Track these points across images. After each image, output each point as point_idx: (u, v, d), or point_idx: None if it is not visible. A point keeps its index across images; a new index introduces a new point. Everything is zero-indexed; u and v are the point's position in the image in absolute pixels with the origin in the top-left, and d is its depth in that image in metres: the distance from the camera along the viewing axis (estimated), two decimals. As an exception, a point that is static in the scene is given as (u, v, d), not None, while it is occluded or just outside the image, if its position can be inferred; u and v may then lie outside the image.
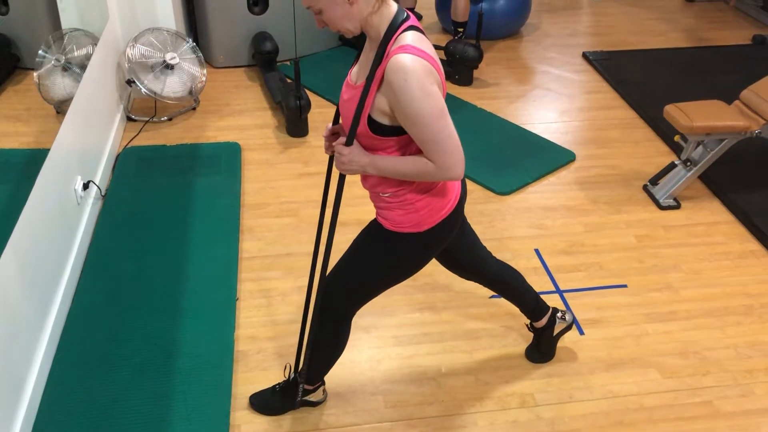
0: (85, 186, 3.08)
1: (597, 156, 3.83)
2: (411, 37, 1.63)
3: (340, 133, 1.92)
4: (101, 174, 3.40)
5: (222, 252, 2.99)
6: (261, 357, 2.54)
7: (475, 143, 3.85)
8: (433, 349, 2.58)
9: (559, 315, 2.47)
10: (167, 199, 3.33)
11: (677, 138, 3.44)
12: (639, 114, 4.26)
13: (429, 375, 2.48)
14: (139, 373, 2.41)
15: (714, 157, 3.30)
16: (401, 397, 2.39)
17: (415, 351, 2.58)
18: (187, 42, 4.14)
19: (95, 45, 3.49)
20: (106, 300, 2.72)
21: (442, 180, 1.72)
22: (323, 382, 2.31)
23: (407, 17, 1.67)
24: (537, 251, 3.09)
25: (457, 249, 2.15)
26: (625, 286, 2.91)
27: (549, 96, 4.50)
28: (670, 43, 5.31)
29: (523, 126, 4.10)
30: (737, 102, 3.36)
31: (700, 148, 3.35)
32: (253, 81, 4.63)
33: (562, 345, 2.59)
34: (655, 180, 3.50)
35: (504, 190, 3.49)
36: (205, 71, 4.22)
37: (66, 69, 3.04)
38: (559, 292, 2.87)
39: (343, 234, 2.47)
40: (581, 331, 2.67)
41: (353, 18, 1.64)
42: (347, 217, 3.18)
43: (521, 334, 2.65)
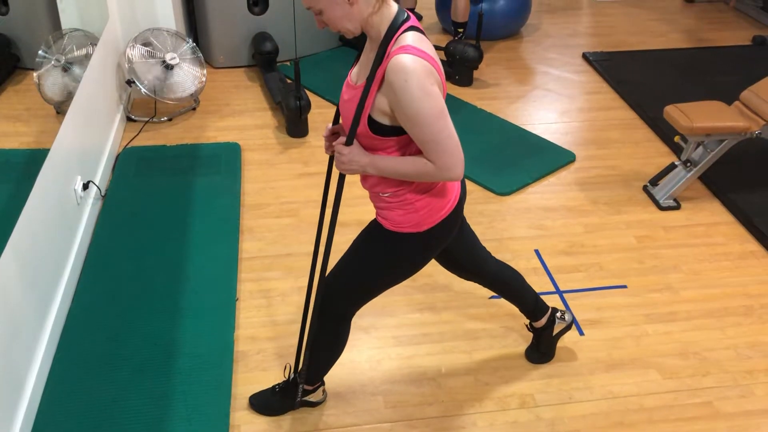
0: (85, 186, 3.08)
1: (597, 156, 3.84)
2: (411, 38, 1.63)
3: (340, 134, 1.92)
4: (101, 174, 3.40)
5: (222, 252, 2.99)
6: (261, 357, 2.54)
7: (475, 144, 3.85)
8: (433, 350, 2.58)
9: (559, 315, 2.47)
10: (167, 200, 3.33)
11: (677, 139, 3.44)
12: (639, 115, 4.26)
13: (429, 375, 2.48)
14: (139, 373, 2.41)
15: (714, 158, 3.30)
16: (401, 398, 2.39)
17: (415, 351, 2.58)
18: (187, 42, 4.14)
19: (95, 45, 3.49)
20: (106, 300, 2.72)
21: (441, 180, 1.72)
22: (323, 382, 2.31)
23: (407, 17, 1.68)
24: (537, 252, 3.09)
25: (457, 249, 2.15)
26: (625, 286, 2.91)
27: (549, 96, 4.50)
28: (670, 44, 5.31)
29: (523, 126, 4.10)
30: (737, 103, 3.36)
31: (700, 148, 3.35)
32: (253, 81, 4.63)
33: (561, 345, 2.59)
34: (655, 181, 3.50)
35: (504, 190, 3.49)
36: (205, 71, 4.23)
37: (66, 69, 3.04)
38: (559, 292, 2.87)
39: (343, 234, 2.47)
40: (581, 332, 2.67)
41: (353, 18, 1.64)
42: (347, 218, 3.18)
43: (521, 334, 2.65)
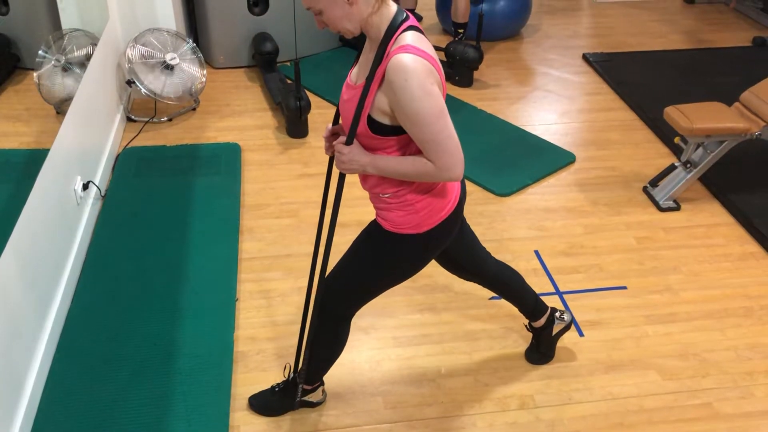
0: (85, 186, 3.08)
1: (597, 157, 3.84)
2: (411, 37, 1.63)
3: (340, 134, 1.92)
4: (101, 174, 3.40)
5: (222, 252, 2.99)
6: (261, 358, 2.54)
7: (475, 144, 3.85)
8: (433, 351, 2.58)
9: (558, 315, 2.47)
10: (167, 200, 3.33)
11: (677, 140, 3.44)
12: (639, 116, 4.26)
13: (428, 376, 2.48)
14: (139, 374, 2.41)
15: (714, 159, 3.30)
16: (401, 398, 2.39)
17: (415, 352, 2.57)
18: (187, 42, 4.14)
19: (95, 45, 3.49)
20: (105, 300, 2.72)
21: (441, 180, 1.72)
22: (322, 382, 2.31)
23: (406, 17, 1.68)
24: (537, 252, 3.09)
25: (457, 250, 2.16)
26: (625, 287, 2.91)
27: (549, 97, 4.50)
28: (670, 45, 5.31)
29: (523, 127, 4.10)
30: (737, 104, 3.36)
31: (700, 149, 3.35)
32: (253, 82, 4.63)
33: (561, 346, 2.59)
34: (655, 182, 3.50)
35: (504, 191, 3.49)
36: (205, 72, 4.22)
37: (66, 69, 3.05)
38: (559, 293, 2.87)
39: (343, 235, 2.47)
40: (581, 333, 2.67)
41: (353, 18, 1.65)
42: (347, 218, 3.18)
43: (521, 335, 2.64)
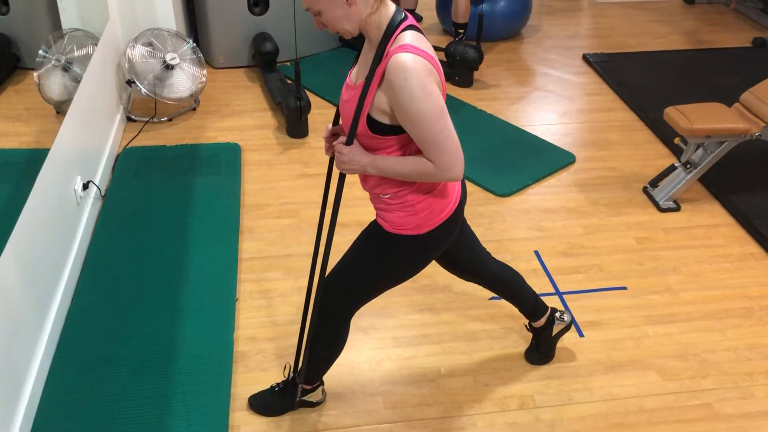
0: (85, 186, 3.08)
1: (597, 158, 3.84)
2: (410, 37, 1.63)
3: (340, 134, 1.92)
4: (101, 174, 3.40)
5: (222, 252, 2.99)
6: (260, 358, 2.54)
7: (475, 145, 3.85)
8: (433, 351, 2.58)
9: (558, 315, 2.47)
10: (167, 200, 3.33)
11: (677, 140, 3.44)
12: (639, 116, 4.27)
13: (428, 376, 2.48)
14: (139, 374, 2.41)
15: (714, 160, 3.30)
16: (400, 398, 2.39)
17: (415, 352, 2.57)
18: (188, 42, 4.14)
19: (95, 45, 3.49)
20: (105, 300, 2.72)
21: (441, 180, 1.72)
22: (322, 382, 2.31)
23: (405, 17, 1.68)
24: (537, 253, 3.09)
25: (457, 250, 2.15)
26: (625, 288, 2.91)
27: (549, 98, 4.50)
28: (670, 46, 5.32)
29: (523, 128, 4.10)
30: (737, 104, 3.36)
31: (700, 150, 3.35)
32: (253, 82, 4.63)
33: (561, 347, 2.59)
34: (655, 182, 3.50)
35: (504, 191, 3.49)
36: (205, 72, 4.22)
37: (66, 69, 3.05)
38: (559, 293, 2.87)
39: (343, 235, 2.47)
40: (581, 333, 2.67)
41: (352, 19, 1.65)
42: (347, 218, 3.18)
43: (521, 335, 2.65)
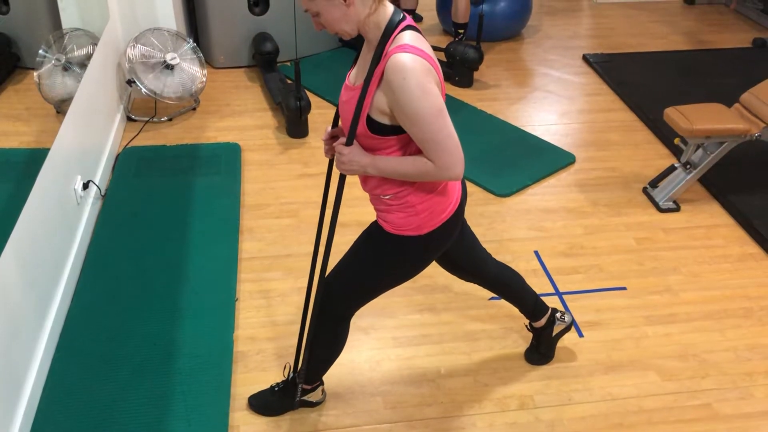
0: (85, 186, 3.08)
1: (597, 158, 3.84)
2: (409, 37, 1.64)
3: (339, 136, 1.92)
4: (101, 174, 3.40)
5: (222, 252, 2.99)
6: (260, 358, 2.54)
7: (475, 145, 3.85)
8: (433, 351, 2.58)
9: (558, 315, 2.47)
10: (167, 200, 3.33)
11: (677, 141, 3.44)
12: (639, 116, 4.27)
13: (428, 376, 2.48)
14: (139, 373, 2.41)
15: (714, 160, 3.30)
16: (400, 398, 2.39)
17: (415, 352, 2.57)
18: (188, 42, 4.14)
19: (95, 45, 3.49)
20: (105, 300, 2.72)
21: (442, 179, 1.72)
22: (322, 382, 2.31)
23: (403, 18, 1.68)
24: (536, 253, 3.09)
25: (457, 251, 2.15)
26: (625, 288, 2.91)
27: (549, 98, 4.50)
28: (670, 46, 5.32)
29: (523, 128, 4.10)
30: (737, 105, 3.36)
31: (699, 150, 3.35)
32: (254, 81, 4.63)
33: (561, 347, 2.59)
34: (655, 183, 3.50)
35: (504, 191, 3.49)
36: (206, 71, 4.23)
37: (66, 69, 3.05)
38: (559, 294, 2.87)
39: (343, 235, 2.47)
40: (580, 334, 2.67)
41: (350, 20, 1.65)
42: (347, 218, 3.18)
43: (521, 335, 2.65)
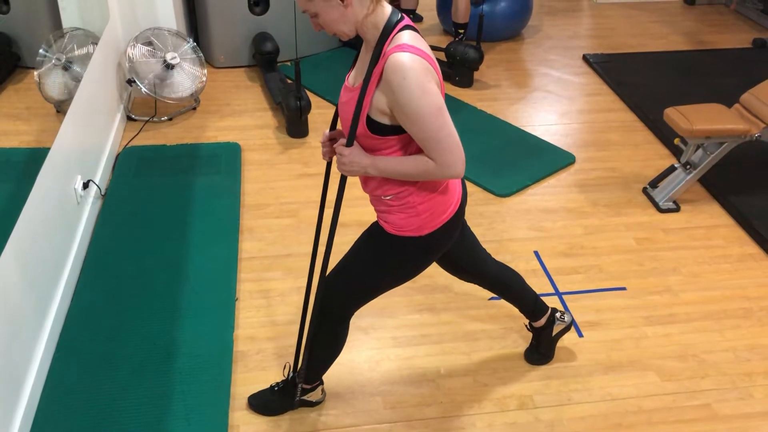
0: (85, 185, 3.08)
1: (597, 158, 3.84)
2: (407, 36, 1.64)
3: (337, 139, 1.92)
4: (101, 173, 3.40)
5: (222, 252, 2.99)
6: (260, 357, 2.54)
7: (475, 145, 3.85)
8: (432, 351, 2.58)
9: (558, 315, 2.47)
10: (167, 199, 3.33)
11: (677, 141, 3.44)
12: (639, 117, 4.27)
13: (428, 376, 2.48)
14: (139, 373, 2.41)
15: (714, 161, 3.30)
16: (400, 398, 2.39)
17: (414, 352, 2.58)
18: (188, 42, 4.14)
19: (96, 44, 3.49)
20: (105, 299, 2.72)
21: (443, 178, 1.72)
22: (322, 381, 2.31)
23: (401, 18, 1.68)
24: (536, 253, 3.10)
25: (458, 252, 2.15)
26: (624, 288, 2.91)
27: (549, 98, 4.50)
28: (670, 46, 5.32)
29: (523, 128, 4.10)
30: (737, 105, 3.36)
31: (699, 151, 3.35)
32: (254, 81, 4.63)
33: (560, 347, 2.59)
34: (655, 183, 3.50)
35: (504, 191, 3.50)
36: (206, 71, 4.23)
37: (66, 68, 3.05)
38: (558, 294, 2.87)
39: (343, 235, 2.47)
40: (580, 334, 2.68)
41: (348, 21, 1.65)
42: (347, 218, 3.19)
43: (520, 335, 2.65)
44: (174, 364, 2.45)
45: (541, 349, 2.52)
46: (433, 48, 4.71)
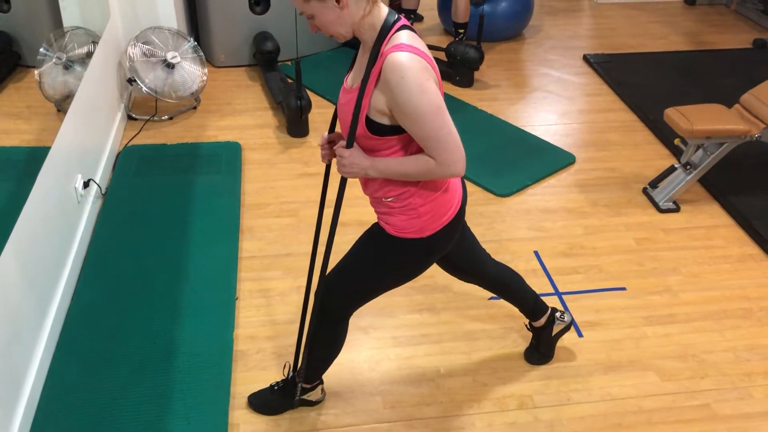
0: (86, 184, 3.08)
1: (597, 158, 3.84)
2: (405, 36, 1.64)
3: (336, 141, 1.92)
4: (101, 172, 3.40)
5: (222, 251, 3.00)
6: (260, 356, 2.54)
7: (476, 145, 3.85)
8: (432, 350, 2.59)
9: (558, 315, 2.47)
10: (167, 198, 3.34)
11: (677, 141, 3.44)
12: (639, 117, 4.27)
13: (428, 376, 2.48)
14: (139, 372, 2.41)
15: (714, 161, 3.30)
16: (400, 398, 2.39)
17: (414, 352, 2.58)
18: (188, 41, 4.14)
19: (96, 43, 3.49)
20: (105, 298, 2.72)
21: (444, 177, 1.72)
22: (321, 381, 2.31)
23: (398, 18, 1.68)
24: (536, 253, 3.10)
25: (458, 253, 2.15)
26: (624, 288, 2.91)
27: (549, 98, 4.50)
28: (670, 47, 5.32)
29: (524, 128, 4.10)
30: (737, 106, 3.36)
31: (700, 151, 3.35)
32: (254, 81, 4.63)
33: (560, 347, 2.59)
34: (655, 183, 3.50)
35: (504, 191, 3.50)
36: (206, 70, 4.23)
37: (67, 67, 3.05)
38: (558, 294, 2.87)
39: (343, 234, 2.47)
40: (580, 334, 2.68)
41: (344, 22, 1.65)
42: (347, 218, 3.19)
43: (520, 335, 2.65)
44: (174, 363, 2.45)
45: (541, 349, 2.52)
46: (434, 48, 4.72)
